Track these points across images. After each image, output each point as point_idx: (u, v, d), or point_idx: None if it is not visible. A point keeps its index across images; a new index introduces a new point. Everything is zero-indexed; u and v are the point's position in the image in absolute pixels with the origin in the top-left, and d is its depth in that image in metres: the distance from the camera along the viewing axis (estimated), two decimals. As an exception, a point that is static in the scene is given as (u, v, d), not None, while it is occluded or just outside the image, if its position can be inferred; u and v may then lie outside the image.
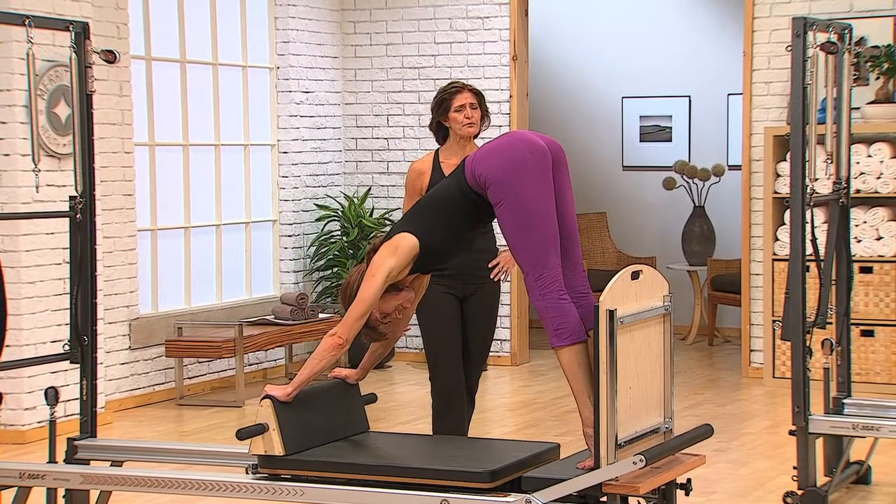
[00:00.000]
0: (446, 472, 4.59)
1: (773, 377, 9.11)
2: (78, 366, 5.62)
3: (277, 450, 4.78)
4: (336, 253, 10.13)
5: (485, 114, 6.17)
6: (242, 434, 4.77)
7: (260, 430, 4.78)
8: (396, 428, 7.88)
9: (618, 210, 12.10)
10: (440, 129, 6.17)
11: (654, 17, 11.96)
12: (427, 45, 10.35)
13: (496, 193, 4.68)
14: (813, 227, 5.95)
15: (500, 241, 7.31)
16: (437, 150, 6.21)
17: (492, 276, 6.13)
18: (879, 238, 8.86)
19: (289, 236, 10.19)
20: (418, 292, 5.08)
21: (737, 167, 10.54)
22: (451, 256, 4.97)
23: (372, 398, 5.33)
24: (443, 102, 6.12)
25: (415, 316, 6.19)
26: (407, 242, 4.78)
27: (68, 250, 5.75)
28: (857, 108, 8.67)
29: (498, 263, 6.14)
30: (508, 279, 6.57)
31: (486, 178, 4.70)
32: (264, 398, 4.82)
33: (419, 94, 10.37)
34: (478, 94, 6.14)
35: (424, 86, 10.34)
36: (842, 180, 6.38)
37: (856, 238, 8.78)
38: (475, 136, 6.19)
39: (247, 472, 4.88)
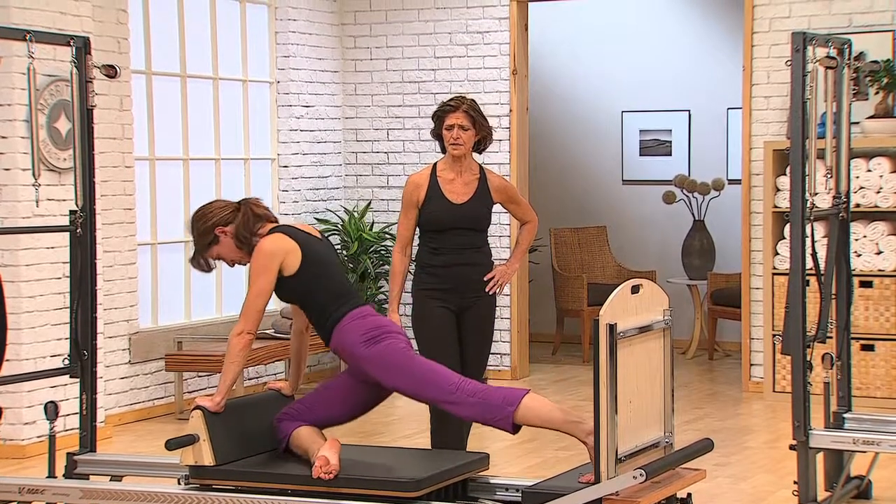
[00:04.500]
0: (373, 482, 4.67)
1: (774, 391, 9.10)
2: (78, 380, 5.63)
3: (208, 460, 4.80)
4: (336, 267, 10.13)
5: (483, 136, 6.11)
6: (172, 444, 4.80)
7: (190, 440, 4.81)
8: (396, 442, 7.86)
9: (618, 224, 12.10)
10: (440, 139, 6.18)
11: (654, 32, 11.97)
12: (427, 60, 10.36)
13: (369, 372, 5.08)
14: (813, 242, 5.95)
15: (496, 255, 7.32)
16: (435, 163, 6.21)
17: (487, 290, 6.13)
18: (879, 252, 8.86)
19: (289, 250, 10.17)
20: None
21: (736, 181, 10.54)
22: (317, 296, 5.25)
23: None
24: (437, 117, 6.13)
25: (411, 330, 6.21)
26: (294, 249, 5.09)
27: (68, 264, 5.75)
28: (857, 123, 8.67)
29: (493, 276, 6.14)
30: (504, 293, 6.57)
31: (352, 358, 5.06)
32: (195, 409, 4.85)
33: (419, 108, 10.38)
34: (471, 116, 6.04)
35: (424, 100, 10.35)
36: (841, 195, 6.38)
37: (856, 252, 8.77)
38: (480, 153, 6.19)
39: (178, 483, 4.91)
